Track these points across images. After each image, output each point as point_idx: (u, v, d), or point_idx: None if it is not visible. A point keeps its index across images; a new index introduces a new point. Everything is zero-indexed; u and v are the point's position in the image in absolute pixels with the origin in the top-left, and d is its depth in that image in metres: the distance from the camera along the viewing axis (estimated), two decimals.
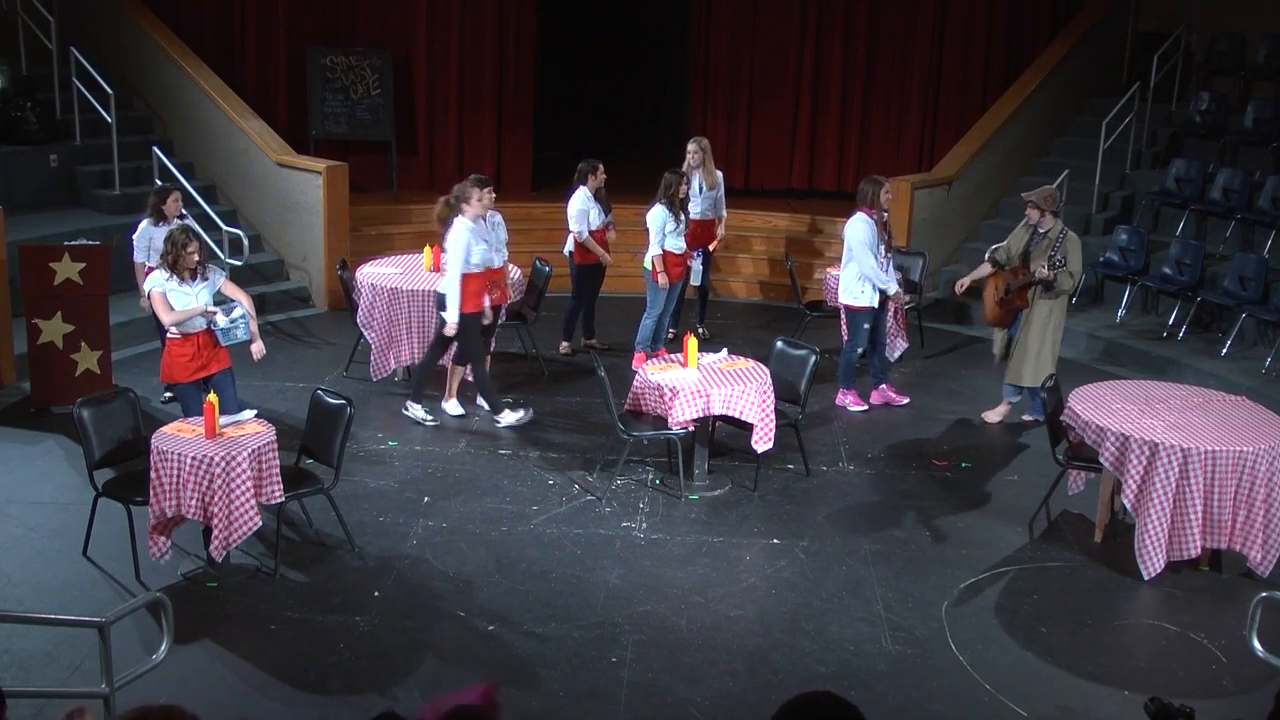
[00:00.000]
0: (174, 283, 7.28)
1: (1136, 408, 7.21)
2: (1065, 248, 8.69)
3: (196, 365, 7.39)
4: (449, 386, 9.14)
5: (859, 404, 9.50)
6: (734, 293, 13.14)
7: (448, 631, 6.23)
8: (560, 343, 10.71)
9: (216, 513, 6.37)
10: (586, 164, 10.32)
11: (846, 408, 9.48)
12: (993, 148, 12.97)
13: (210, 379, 7.43)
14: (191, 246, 7.31)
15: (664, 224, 9.82)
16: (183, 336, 7.37)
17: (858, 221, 9.11)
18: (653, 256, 9.93)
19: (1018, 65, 13.93)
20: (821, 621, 6.39)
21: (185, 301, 7.30)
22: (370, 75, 13.73)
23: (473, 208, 8.56)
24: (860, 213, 9.12)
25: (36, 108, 11.95)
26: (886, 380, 9.64)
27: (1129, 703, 5.70)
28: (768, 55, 14.60)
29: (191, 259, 7.29)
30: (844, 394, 9.54)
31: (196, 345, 7.38)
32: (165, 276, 7.32)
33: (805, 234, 13.55)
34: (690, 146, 10.79)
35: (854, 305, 9.25)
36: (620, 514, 7.61)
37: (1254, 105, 12.04)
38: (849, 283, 9.22)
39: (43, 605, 6.30)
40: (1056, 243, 8.71)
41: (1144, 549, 6.78)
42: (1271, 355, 10.00)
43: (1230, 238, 11.38)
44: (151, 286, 7.37)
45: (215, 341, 7.45)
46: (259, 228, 12.50)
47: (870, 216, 9.09)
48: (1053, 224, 8.79)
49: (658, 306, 10.10)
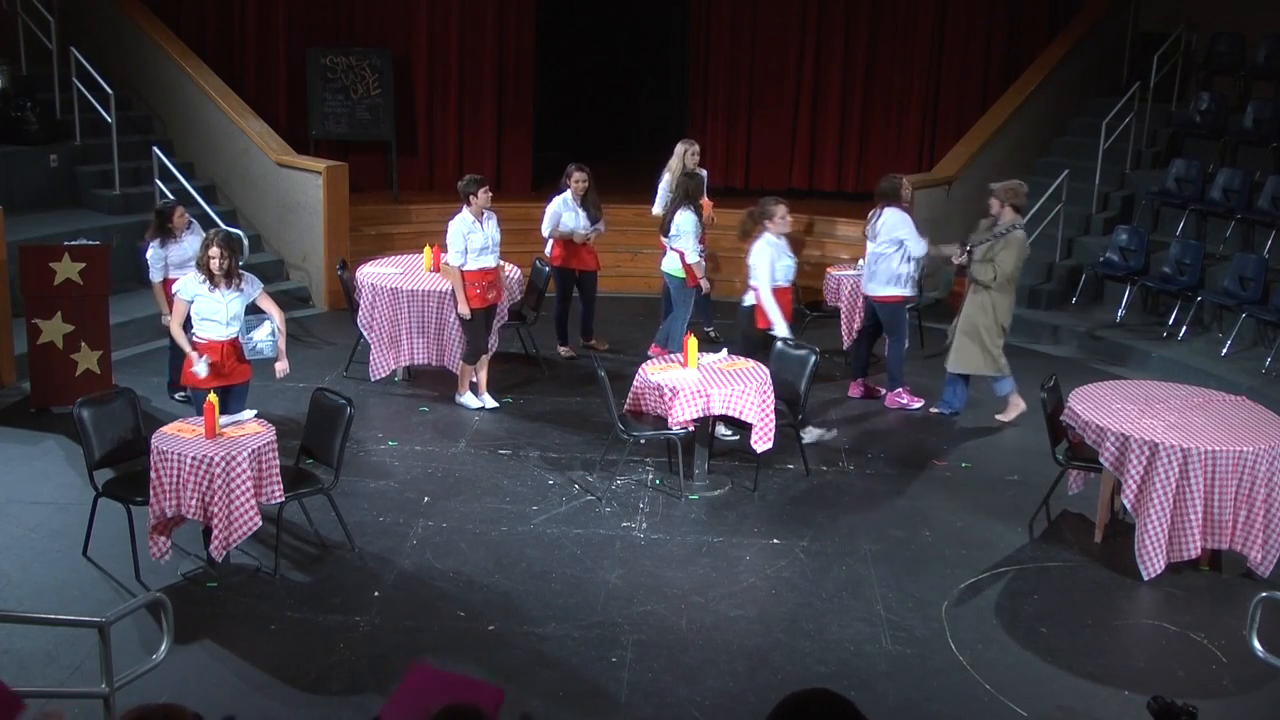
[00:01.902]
0: (205, 287, 7.28)
1: (1136, 408, 7.21)
2: (1002, 243, 8.76)
3: (219, 375, 7.35)
4: (462, 382, 9.36)
5: (916, 401, 9.51)
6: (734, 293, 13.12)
7: (448, 631, 6.23)
8: (558, 346, 10.67)
9: (216, 513, 6.37)
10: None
11: (905, 407, 9.49)
12: (993, 148, 12.97)
13: (230, 389, 7.41)
14: (213, 250, 7.24)
15: (696, 229, 9.84)
16: (207, 342, 7.36)
17: (896, 215, 9.20)
18: (689, 262, 9.89)
19: (1018, 65, 13.93)
20: (821, 621, 6.39)
21: (213, 310, 7.28)
22: (370, 75, 13.72)
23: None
24: (894, 207, 9.23)
25: (36, 108, 11.95)
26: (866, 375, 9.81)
27: (1129, 703, 5.71)
28: (768, 55, 14.61)
29: (211, 262, 7.23)
30: (900, 394, 9.54)
31: (223, 354, 7.36)
32: (199, 279, 7.31)
33: (805, 234, 13.54)
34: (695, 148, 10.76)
35: (892, 296, 9.28)
36: (620, 514, 7.61)
37: (1254, 105, 12.03)
38: (886, 276, 9.26)
39: (43, 605, 6.29)
40: (997, 236, 8.77)
41: (1144, 550, 6.77)
42: (1271, 355, 10.00)
43: (1230, 238, 11.37)
44: (179, 290, 7.40)
45: (241, 355, 7.46)
46: (259, 228, 12.50)
47: (904, 209, 9.24)
48: (1010, 218, 8.86)
49: (687, 308, 10.11)
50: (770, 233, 8.63)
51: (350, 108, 13.74)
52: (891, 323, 9.40)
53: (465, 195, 9.03)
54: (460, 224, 8.98)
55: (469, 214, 9.00)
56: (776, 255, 8.62)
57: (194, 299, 7.31)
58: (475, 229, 8.97)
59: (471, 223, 8.98)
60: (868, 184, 14.39)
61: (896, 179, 9.44)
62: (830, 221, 13.67)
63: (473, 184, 9.05)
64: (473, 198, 9.00)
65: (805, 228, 13.62)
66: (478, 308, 9.03)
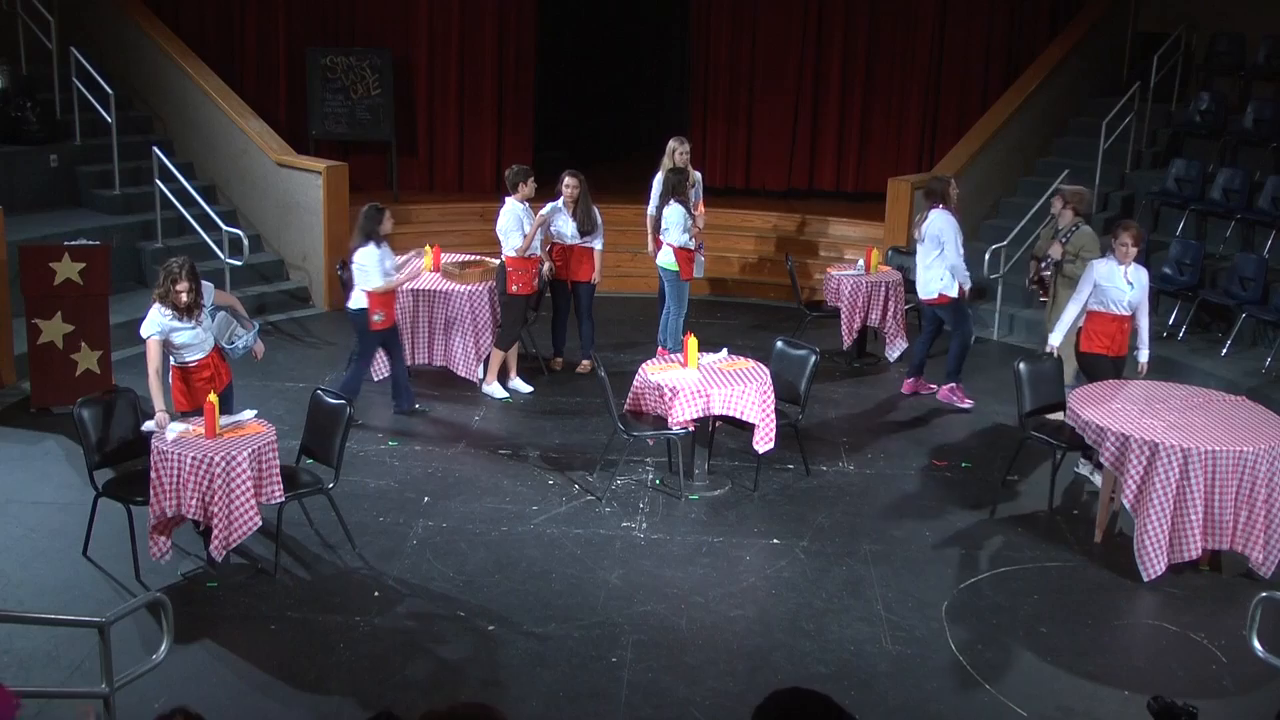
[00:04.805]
0: (174, 320, 6.88)
1: (1136, 408, 7.21)
2: (1076, 239, 8.81)
3: (211, 386, 7.11)
4: (492, 370, 9.53)
5: (966, 401, 9.52)
6: (734, 292, 13.13)
7: (448, 631, 6.23)
8: (553, 357, 10.38)
9: (216, 513, 6.37)
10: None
11: (956, 404, 9.50)
12: (993, 148, 12.96)
13: (220, 394, 7.33)
14: (181, 285, 6.79)
15: (684, 220, 9.82)
16: (197, 363, 7.04)
17: (942, 218, 9.25)
18: (675, 248, 9.88)
19: (1018, 65, 13.93)
20: (821, 621, 6.39)
21: (190, 335, 6.94)
22: (370, 75, 13.72)
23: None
24: (940, 209, 9.28)
25: (36, 108, 11.95)
26: (922, 373, 9.85)
27: (1129, 703, 5.71)
28: (768, 55, 14.61)
29: (179, 297, 6.81)
30: (953, 389, 9.55)
31: (213, 366, 7.13)
32: (165, 314, 6.86)
33: (805, 234, 13.55)
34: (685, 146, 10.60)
35: (945, 296, 9.33)
36: (620, 514, 7.61)
37: (1254, 105, 12.03)
38: (933, 278, 9.30)
39: (43, 605, 6.30)
40: (1067, 233, 8.86)
41: (1144, 551, 6.77)
42: (1271, 355, 10.00)
43: (1230, 238, 11.37)
44: (151, 332, 6.86)
45: (224, 357, 7.34)
46: (259, 228, 12.50)
47: (950, 212, 9.28)
48: (1070, 220, 8.95)
49: (683, 303, 10.09)
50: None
51: (350, 108, 13.74)
52: (952, 319, 9.47)
53: (514, 185, 9.32)
54: (515, 211, 9.27)
55: (518, 202, 9.31)
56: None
57: (167, 333, 6.90)
58: (528, 216, 9.33)
59: (525, 210, 9.31)
60: (868, 184, 14.44)
61: (945, 179, 9.52)
62: (830, 222, 13.65)
63: (521, 174, 9.38)
64: (522, 185, 9.30)
65: (806, 228, 13.65)
66: (525, 294, 9.38)
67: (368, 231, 8.64)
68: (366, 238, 8.63)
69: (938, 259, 9.27)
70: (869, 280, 10.35)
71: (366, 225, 8.65)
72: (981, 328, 11.59)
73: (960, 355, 9.51)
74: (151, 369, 6.86)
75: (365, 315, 8.66)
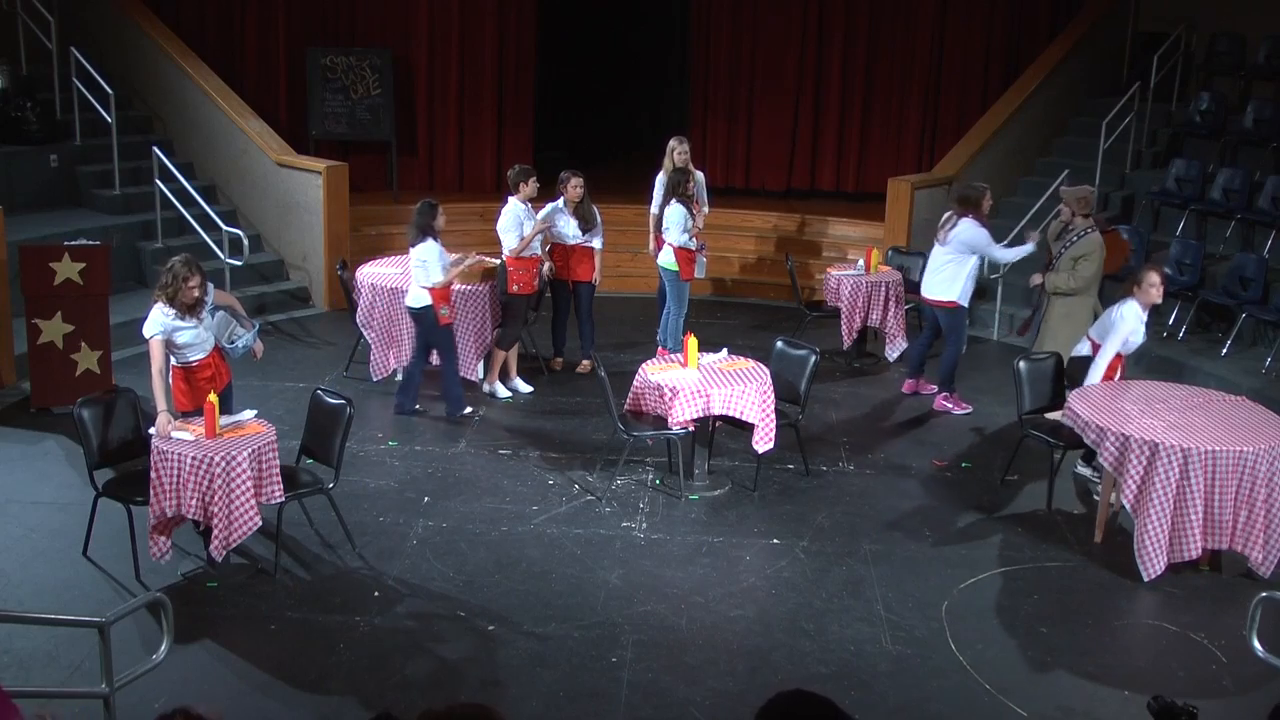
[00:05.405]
0: (177, 320, 6.87)
1: (1136, 408, 7.21)
2: (1077, 248, 8.76)
3: (212, 385, 7.12)
4: (493, 370, 9.55)
5: (962, 407, 9.51)
6: (734, 292, 13.13)
7: (448, 631, 6.23)
8: (553, 357, 10.40)
9: (216, 513, 6.36)
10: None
11: (950, 411, 9.49)
12: (993, 148, 12.97)
13: (220, 394, 7.33)
14: (193, 281, 6.81)
15: (684, 220, 9.81)
16: (199, 363, 7.04)
17: (972, 228, 9.20)
18: (675, 248, 9.89)
19: (1018, 65, 13.93)
20: (821, 621, 6.39)
21: (192, 335, 6.94)
22: (370, 75, 13.73)
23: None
24: (970, 219, 9.22)
25: (36, 108, 11.95)
26: (924, 373, 9.84)
27: (1129, 703, 5.71)
28: (768, 55, 14.62)
29: (191, 294, 6.82)
30: (948, 397, 9.54)
31: (215, 366, 7.13)
32: (167, 313, 6.84)
33: (805, 234, 13.55)
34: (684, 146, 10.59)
35: (949, 302, 9.33)
36: (620, 514, 7.61)
37: (1254, 105, 12.03)
38: (948, 284, 9.29)
39: (43, 605, 6.29)
40: (1070, 240, 8.78)
41: (1144, 551, 6.77)
42: (1271, 355, 10.00)
43: (1230, 238, 11.37)
44: (155, 331, 6.81)
45: (224, 357, 7.33)
46: (259, 228, 12.50)
47: (982, 221, 9.24)
48: (1082, 224, 8.88)
49: (683, 303, 10.09)
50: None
51: (350, 108, 13.74)
52: (951, 326, 9.45)
53: (515, 184, 9.32)
54: (515, 210, 9.27)
55: (519, 202, 9.31)
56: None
57: (170, 332, 6.87)
58: (529, 217, 9.33)
59: (525, 210, 9.31)
60: (868, 184, 14.44)
61: (980, 188, 9.41)
62: (830, 222, 13.65)
63: (523, 174, 9.39)
64: (523, 185, 9.31)
65: (806, 228, 13.65)
66: (526, 294, 9.39)
67: (423, 226, 8.61)
68: (423, 233, 8.60)
69: (963, 264, 9.23)
70: (869, 280, 10.36)
71: (421, 220, 8.62)
72: (981, 328, 11.60)
73: (951, 366, 9.49)
74: (154, 369, 6.86)
75: (431, 312, 8.65)
